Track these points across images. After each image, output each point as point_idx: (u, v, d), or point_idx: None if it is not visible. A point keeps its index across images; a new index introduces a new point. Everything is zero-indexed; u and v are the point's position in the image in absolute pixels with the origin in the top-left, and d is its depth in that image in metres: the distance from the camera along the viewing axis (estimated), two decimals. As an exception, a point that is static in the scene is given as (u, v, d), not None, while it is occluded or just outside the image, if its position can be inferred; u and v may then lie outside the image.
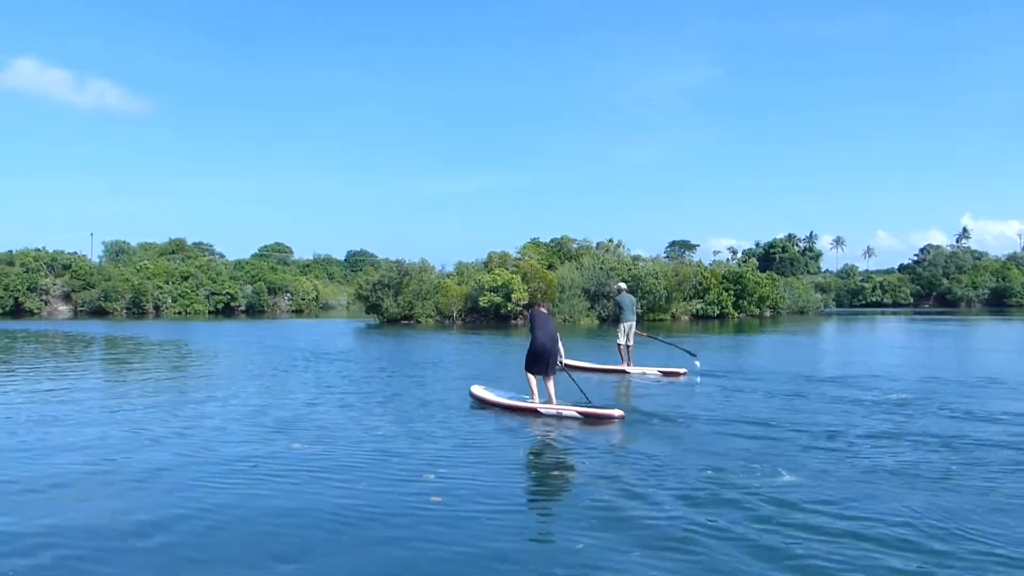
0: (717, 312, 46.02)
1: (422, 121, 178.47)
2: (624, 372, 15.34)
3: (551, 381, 10.73)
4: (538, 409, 10.32)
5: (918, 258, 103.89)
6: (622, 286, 17.51)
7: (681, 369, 15.04)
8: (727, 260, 77.75)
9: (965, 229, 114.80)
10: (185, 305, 60.72)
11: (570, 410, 10.07)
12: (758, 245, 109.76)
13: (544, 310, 11.23)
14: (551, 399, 10.59)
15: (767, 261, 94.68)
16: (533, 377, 10.80)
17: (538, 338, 10.67)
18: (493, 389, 11.75)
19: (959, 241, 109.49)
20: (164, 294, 60.57)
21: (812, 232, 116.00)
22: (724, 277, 48.39)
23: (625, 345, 15.93)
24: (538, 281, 40.11)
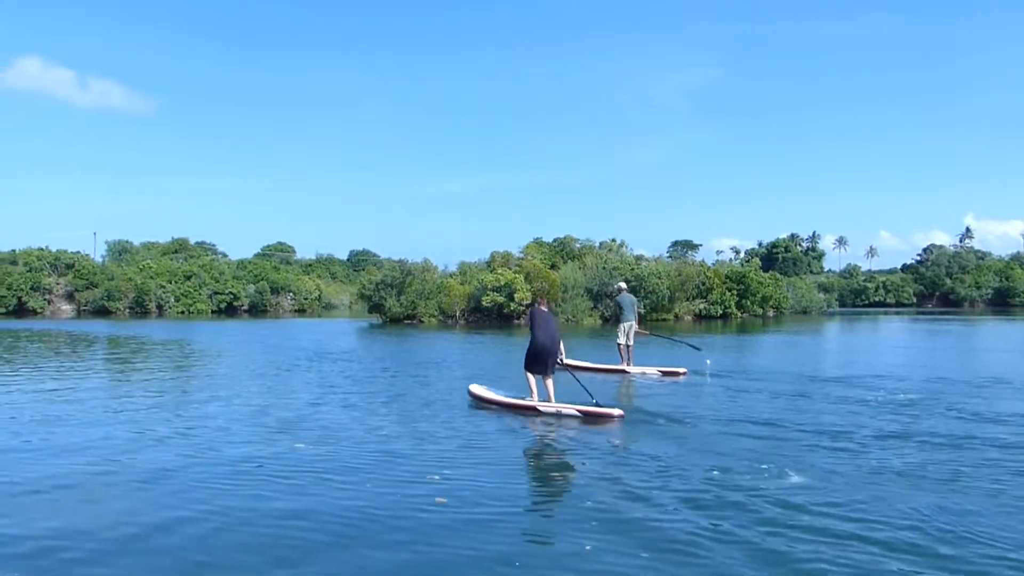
0: (720, 312, 45.95)
1: (422, 121, 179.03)
2: (624, 372, 15.32)
3: (550, 381, 10.67)
4: (537, 407, 10.27)
5: (921, 258, 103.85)
6: (622, 286, 17.53)
7: (681, 369, 15.01)
8: (730, 260, 77.84)
9: (968, 229, 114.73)
10: (188, 305, 60.83)
11: (570, 408, 10.02)
12: (761, 245, 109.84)
13: (544, 308, 11.10)
14: (550, 399, 10.52)
15: (770, 261, 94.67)
16: (532, 376, 10.73)
17: (538, 337, 10.58)
18: (493, 388, 11.70)
19: (962, 241, 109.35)
20: (167, 294, 60.70)
21: (815, 232, 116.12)
22: (727, 277, 48.34)
23: (625, 345, 15.92)
24: (541, 281, 40.07)
